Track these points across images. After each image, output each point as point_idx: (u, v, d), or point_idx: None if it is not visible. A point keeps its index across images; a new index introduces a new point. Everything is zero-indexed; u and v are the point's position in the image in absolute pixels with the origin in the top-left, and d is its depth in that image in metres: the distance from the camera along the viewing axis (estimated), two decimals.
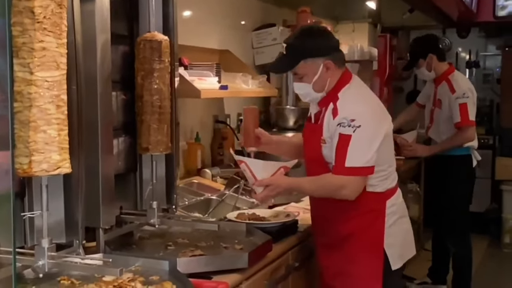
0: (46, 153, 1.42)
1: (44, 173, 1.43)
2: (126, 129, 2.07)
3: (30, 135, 1.40)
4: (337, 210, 2.21)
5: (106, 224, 1.82)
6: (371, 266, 2.20)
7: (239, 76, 2.96)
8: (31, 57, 1.40)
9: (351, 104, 2.14)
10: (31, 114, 1.40)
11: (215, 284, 1.67)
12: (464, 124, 3.79)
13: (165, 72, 1.99)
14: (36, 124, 1.41)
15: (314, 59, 2.14)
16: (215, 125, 3.30)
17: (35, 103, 1.40)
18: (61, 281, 1.57)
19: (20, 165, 1.41)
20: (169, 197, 2.18)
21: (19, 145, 1.40)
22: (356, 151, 2.07)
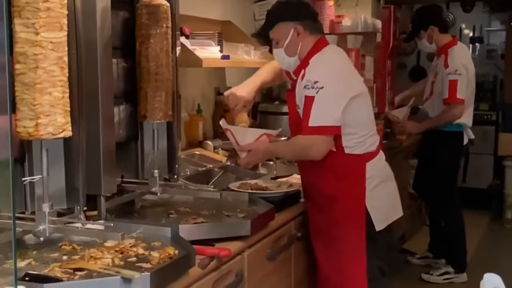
0: (52, 116, 1.41)
1: (50, 136, 1.41)
2: (127, 97, 2.04)
3: (36, 97, 1.38)
4: (319, 174, 2.27)
5: (108, 192, 1.80)
6: (355, 227, 2.26)
7: (241, 47, 2.92)
8: (36, 17, 1.37)
9: (316, 68, 2.22)
10: (37, 76, 1.38)
11: (218, 250, 1.66)
12: (451, 101, 3.74)
13: (162, 38, 1.95)
14: (42, 86, 1.38)
15: (285, 23, 2.26)
16: (217, 97, 3.27)
17: (41, 64, 1.38)
18: (62, 246, 1.56)
19: (24, 128, 1.39)
20: (170, 166, 2.16)
21: (23, 108, 1.38)
22: (319, 111, 2.14)
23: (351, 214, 2.26)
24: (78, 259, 1.46)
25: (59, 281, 1.27)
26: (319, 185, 2.30)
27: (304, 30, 2.25)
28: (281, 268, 2.18)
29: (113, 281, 1.28)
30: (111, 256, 1.46)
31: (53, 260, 1.46)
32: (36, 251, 1.53)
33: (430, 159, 4.07)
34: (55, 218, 1.54)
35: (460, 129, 3.91)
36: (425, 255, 4.39)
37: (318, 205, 2.31)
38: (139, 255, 1.50)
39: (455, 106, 3.75)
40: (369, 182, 2.28)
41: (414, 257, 4.42)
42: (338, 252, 2.29)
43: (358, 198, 2.26)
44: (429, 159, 4.10)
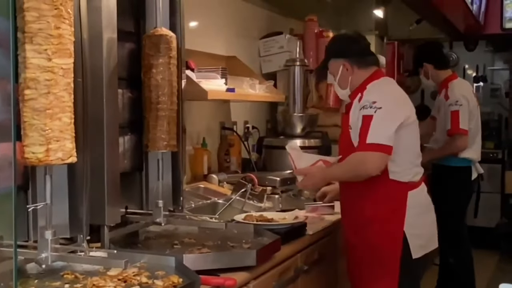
0: (61, 141, 1.41)
1: (59, 162, 1.41)
2: (132, 128, 2.04)
3: (46, 122, 1.37)
4: (361, 194, 2.33)
5: (111, 222, 1.78)
6: (390, 252, 2.30)
7: (246, 80, 2.94)
8: (48, 43, 1.38)
9: (374, 91, 2.33)
10: (48, 101, 1.38)
11: (223, 280, 1.62)
12: (455, 132, 3.71)
13: (165, 68, 1.96)
14: (52, 112, 1.38)
15: (335, 59, 2.43)
16: (222, 132, 3.27)
17: (52, 90, 1.38)
18: (65, 276, 1.53)
19: (33, 154, 1.38)
20: (175, 198, 2.15)
21: (32, 134, 1.37)
22: (377, 129, 2.23)
23: (388, 238, 2.31)
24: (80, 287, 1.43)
25: None
26: (358, 205, 2.35)
27: (351, 65, 2.39)
28: None
29: None
30: (114, 284, 1.44)
31: None
32: (38, 280, 1.50)
33: (438, 196, 4.02)
34: (58, 245, 1.51)
35: (468, 163, 3.87)
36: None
37: (355, 225, 2.37)
38: (143, 284, 1.46)
39: (459, 137, 3.72)
40: (410, 210, 2.31)
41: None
42: (370, 273, 2.33)
43: (397, 223, 2.30)
44: (437, 195, 4.05)
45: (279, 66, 3.63)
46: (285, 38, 3.68)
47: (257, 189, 2.72)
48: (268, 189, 2.76)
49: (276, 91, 3.39)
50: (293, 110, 3.43)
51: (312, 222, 2.50)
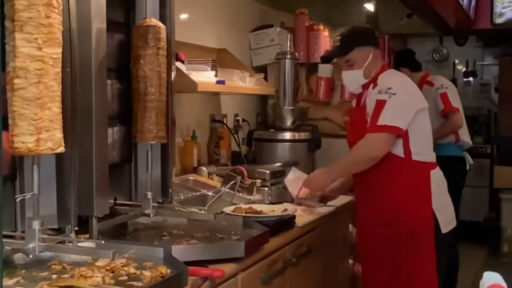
0: (51, 131, 1.40)
1: (49, 151, 1.40)
2: (121, 119, 2.03)
3: (37, 112, 1.37)
4: (387, 182, 2.42)
5: (100, 213, 1.77)
6: (426, 229, 2.40)
7: (236, 73, 2.93)
8: (39, 32, 1.37)
9: (389, 78, 2.46)
10: (38, 90, 1.37)
11: (211, 271, 1.63)
12: (448, 110, 3.98)
13: (152, 59, 1.95)
14: (42, 101, 1.38)
15: (363, 47, 2.49)
16: (212, 125, 3.26)
17: (43, 79, 1.38)
18: (52, 266, 1.52)
19: (22, 144, 1.37)
20: (164, 190, 2.14)
21: (21, 123, 1.36)
22: (389, 113, 2.33)
23: (421, 216, 2.40)
24: (67, 278, 1.42)
25: None
26: (386, 194, 2.43)
27: (379, 55, 2.56)
28: None
29: None
30: (102, 274, 1.43)
31: (42, 279, 1.42)
32: (25, 270, 1.49)
33: None
34: (46, 236, 1.51)
35: (462, 154, 4.10)
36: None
37: (385, 214, 2.43)
38: (131, 274, 1.46)
39: (453, 115, 3.99)
40: (433, 188, 2.43)
41: None
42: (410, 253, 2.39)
43: (426, 201, 2.41)
44: None
45: (270, 59, 3.63)
46: (275, 31, 3.67)
47: (247, 182, 2.72)
48: (258, 182, 2.76)
49: (266, 84, 3.39)
50: (283, 103, 3.43)
51: (301, 214, 2.51)
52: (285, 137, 3.26)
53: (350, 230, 3.15)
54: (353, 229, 3.16)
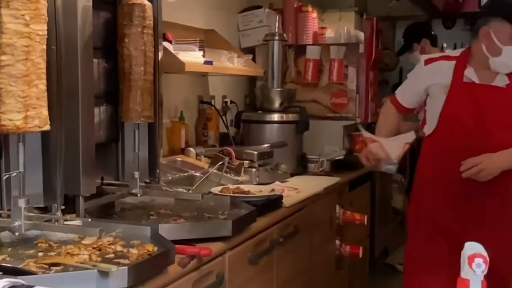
0: (38, 108, 1.40)
1: (36, 129, 1.40)
2: (108, 98, 2.02)
3: (24, 89, 1.35)
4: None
5: (87, 192, 1.77)
6: None
7: (224, 54, 2.92)
8: (26, 8, 1.36)
9: None
10: (25, 67, 1.36)
11: (198, 249, 1.63)
12: None
13: (137, 37, 1.94)
14: (29, 79, 1.37)
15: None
16: (200, 106, 3.25)
17: (30, 56, 1.37)
18: (38, 244, 1.52)
19: (10, 121, 1.36)
20: (151, 170, 2.14)
21: (8, 101, 1.35)
22: None
23: None
24: (54, 255, 1.42)
25: (33, 275, 1.24)
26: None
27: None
28: (262, 274, 2.15)
29: (89, 275, 1.24)
30: (88, 252, 1.43)
31: (28, 257, 1.41)
32: (11, 248, 1.49)
33: None
34: (32, 214, 1.50)
35: None
36: None
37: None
38: (117, 252, 1.46)
39: None
40: None
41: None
42: None
43: None
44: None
45: (258, 40, 3.61)
46: (264, 12, 3.65)
47: (235, 163, 2.72)
48: (246, 163, 2.76)
49: (254, 65, 3.38)
50: (272, 85, 3.42)
51: (288, 195, 2.51)
52: (273, 118, 3.26)
53: (337, 212, 3.17)
54: (340, 210, 3.18)
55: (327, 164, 3.36)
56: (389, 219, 4.86)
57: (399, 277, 4.36)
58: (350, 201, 3.37)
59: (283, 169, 3.02)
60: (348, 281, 3.45)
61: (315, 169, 3.34)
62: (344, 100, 3.66)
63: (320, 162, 3.35)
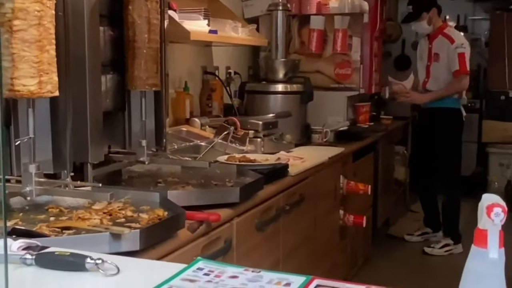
0: (50, 74, 1.39)
1: (49, 94, 1.39)
2: (114, 67, 2.02)
3: (37, 54, 1.35)
4: None
5: (95, 160, 1.78)
6: None
7: (228, 23, 2.90)
8: None
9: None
10: (38, 32, 1.35)
11: (207, 215, 1.65)
12: (462, 72, 4.01)
13: (141, 4, 1.92)
14: (42, 44, 1.36)
15: None
16: (204, 77, 3.25)
17: (42, 21, 1.35)
18: (49, 209, 1.53)
19: (24, 86, 1.35)
20: (158, 139, 2.14)
21: (22, 66, 1.34)
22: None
23: None
24: (65, 220, 1.44)
25: (47, 237, 1.25)
26: None
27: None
28: (269, 241, 2.18)
29: (102, 237, 1.26)
30: (99, 217, 1.44)
31: (40, 221, 1.43)
32: (22, 213, 1.50)
33: (432, 137, 4.18)
34: (42, 179, 1.51)
35: (458, 105, 4.17)
36: (423, 231, 4.51)
37: None
38: (128, 217, 1.48)
39: (464, 77, 4.04)
40: None
41: (413, 235, 4.52)
42: None
43: None
44: (430, 137, 4.19)
45: (262, 10, 3.59)
46: None
47: (240, 133, 2.72)
48: (251, 133, 2.77)
49: (258, 35, 3.36)
50: (275, 56, 3.41)
51: (294, 164, 2.53)
52: (277, 89, 3.25)
53: (341, 182, 3.19)
54: (344, 180, 3.20)
55: (331, 135, 3.37)
56: (391, 191, 4.89)
57: (400, 247, 4.43)
58: (354, 171, 3.39)
59: (288, 139, 3.03)
60: (351, 250, 3.49)
61: (319, 139, 3.36)
62: (348, 71, 3.66)
63: (324, 133, 3.36)
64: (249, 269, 0.97)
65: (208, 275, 0.96)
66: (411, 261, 4.18)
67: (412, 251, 4.35)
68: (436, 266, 4.07)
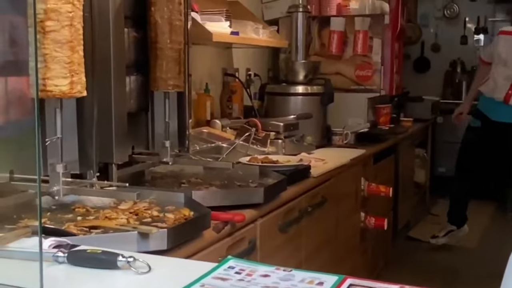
0: (79, 74, 1.40)
1: (79, 94, 1.40)
2: (138, 68, 2.02)
3: (69, 55, 1.36)
4: None
5: (120, 160, 1.78)
6: None
7: (250, 25, 2.91)
8: None
9: None
10: (70, 33, 1.36)
11: (232, 215, 1.65)
12: None
13: (163, 5, 1.93)
14: (73, 44, 1.37)
15: None
16: (224, 78, 3.26)
17: (73, 22, 1.37)
18: (76, 209, 1.54)
19: (56, 87, 1.36)
20: (181, 140, 2.15)
21: (54, 66, 1.35)
22: None
23: None
24: (93, 219, 1.45)
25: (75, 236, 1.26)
26: None
27: None
28: (292, 242, 2.17)
29: (130, 236, 1.27)
30: (126, 216, 1.45)
31: (67, 220, 1.44)
32: (50, 213, 1.51)
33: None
34: (69, 179, 1.52)
35: None
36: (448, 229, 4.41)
37: None
38: (154, 217, 1.48)
39: None
40: None
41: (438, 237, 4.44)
42: None
43: None
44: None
45: (281, 12, 3.59)
46: None
47: (261, 134, 2.72)
48: (272, 134, 2.76)
49: (279, 37, 3.36)
50: (295, 58, 3.40)
51: (315, 165, 2.52)
52: (298, 90, 3.24)
53: (362, 184, 3.17)
54: (365, 182, 3.18)
55: (351, 137, 3.35)
56: (411, 193, 4.85)
57: (421, 250, 4.39)
58: (375, 173, 3.37)
59: (309, 141, 3.02)
60: (371, 253, 3.47)
61: (339, 141, 3.34)
62: (369, 72, 3.64)
63: (345, 135, 3.35)
64: (280, 268, 0.97)
65: (239, 273, 0.95)
66: (431, 263, 4.15)
67: (433, 253, 4.32)
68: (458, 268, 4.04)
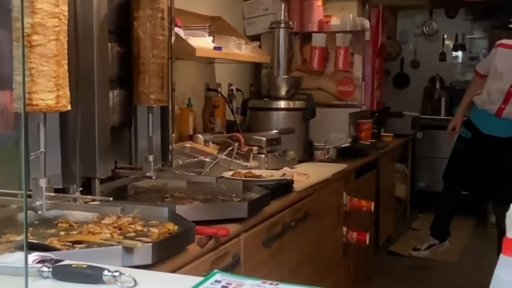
0: (64, 88, 1.41)
1: (64, 108, 1.41)
2: (121, 82, 2.03)
3: (55, 69, 1.36)
4: None
5: (103, 174, 1.77)
6: None
7: (232, 40, 2.93)
8: None
9: None
10: (56, 48, 1.36)
11: (216, 230, 1.64)
12: None
13: (145, 21, 1.94)
14: (59, 58, 1.38)
15: None
16: (207, 93, 3.26)
17: (59, 36, 1.37)
18: (59, 224, 1.53)
19: (42, 101, 1.36)
20: (164, 154, 2.15)
21: (40, 80, 1.35)
22: None
23: None
24: (76, 234, 1.43)
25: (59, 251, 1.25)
26: None
27: None
28: (275, 257, 2.17)
29: (114, 251, 1.26)
30: (110, 231, 1.44)
31: (50, 235, 1.43)
32: (32, 228, 1.50)
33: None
34: (52, 194, 1.51)
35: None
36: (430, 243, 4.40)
37: None
38: (138, 231, 1.47)
39: None
40: None
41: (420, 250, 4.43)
42: None
43: None
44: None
45: (264, 28, 3.62)
46: (270, 0, 3.66)
47: (244, 149, 2.73)
48: (254, 149, 2.77)
49: (261, 52, 3.39)
50: (277, 73, 3.42)
51: (298, 180, 2.53)
52: (280, 105, 3.26)
53: (344, 198, 3.19)
54: (347, 197, 3.20)
55: (333, 152, 3.37)
56: (392, 208, 4.89)
57: (402, 264, 4.42)
58: (356, 188, 3.39)
59: (291, 156, 3.03)
60: (354, 267, 3.48)
61: (321, 156, 3.36)
62: (350, 88, 3.68)
63: (327, 150, 3.37)
64: (267, 282, 0.97)
65: (226, 287, 0.95)
66: (413, 277, 4.17)
67: (415, 267, 4.35)
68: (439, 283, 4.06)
